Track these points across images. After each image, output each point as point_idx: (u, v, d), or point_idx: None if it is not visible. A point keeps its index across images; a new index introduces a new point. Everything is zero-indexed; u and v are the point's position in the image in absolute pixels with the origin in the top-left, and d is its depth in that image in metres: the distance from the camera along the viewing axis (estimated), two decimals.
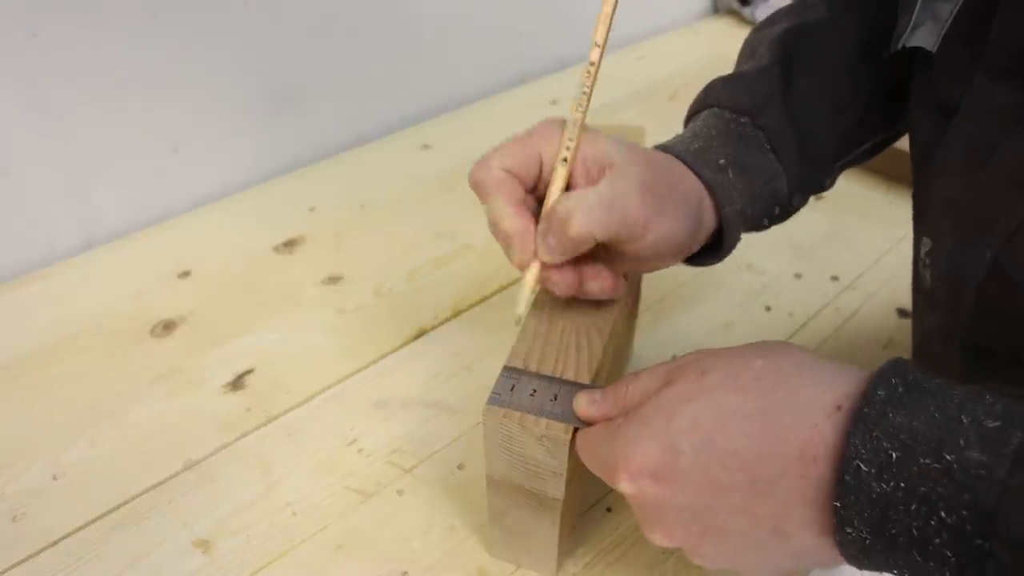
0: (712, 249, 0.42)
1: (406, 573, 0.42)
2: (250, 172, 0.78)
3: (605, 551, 0.43)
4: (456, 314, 0.60)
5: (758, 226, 0.43)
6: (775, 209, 0.43)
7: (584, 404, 0.34)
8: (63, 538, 0.44)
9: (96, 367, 0.56)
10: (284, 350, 0.57)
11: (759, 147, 0.41)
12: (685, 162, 0.39)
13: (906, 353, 0.56)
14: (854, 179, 0.77)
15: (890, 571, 0.26)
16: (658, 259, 0.38)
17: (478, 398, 0.53)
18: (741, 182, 0.40)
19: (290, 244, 0.69)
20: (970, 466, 0.23)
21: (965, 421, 0.24)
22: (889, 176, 0.77)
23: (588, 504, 0.46)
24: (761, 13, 1.14)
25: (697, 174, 0.39)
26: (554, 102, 0.94)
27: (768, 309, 0.60)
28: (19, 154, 0.63)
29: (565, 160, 0.36)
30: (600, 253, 0.38)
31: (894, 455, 0.24)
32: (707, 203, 0.39)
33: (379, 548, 0.44)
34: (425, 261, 0.66)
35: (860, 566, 0.27)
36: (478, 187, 0.38)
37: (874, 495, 0.24)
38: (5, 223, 0.64)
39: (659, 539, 0.31)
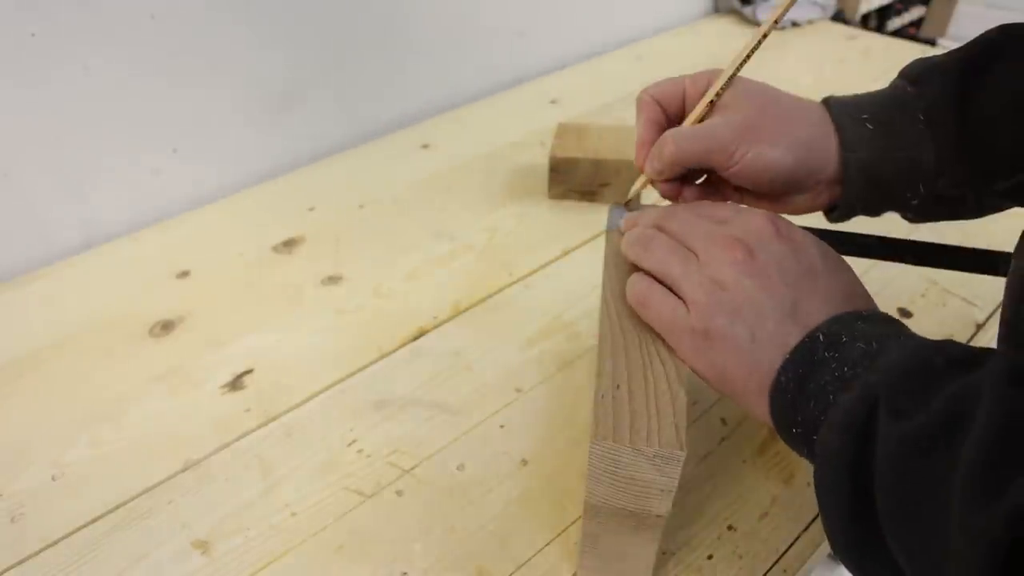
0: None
1: (406, 573, 0.42)
2: (249, 172, 0.78)
3: None
4: (456, 314, 0.60)
5: (902, 201, 0.44)
6: (918, 185, 0.43)
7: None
8: (62, 538, 0.44)
9: (95, 367, 0.56)
10: (284, 350, 0.57)
11: (911, 114, 0.42)
12: (829, 107, 0.44)
13: None
14: None
15: (786, 431, 0.34)
16: (764, 186, 0.43)
17: (478, 398, 0.53)
18: (876, 136, 0.42)
19: (289, 244, 0.69)
20: (881, 348, 0.32)
21: (896, 334, 0.33)
22: None
23: None
24: (762, 13, 1.13)
25: (833, 119, 0.43)
26: (554, 101, 0.94)
27: None
28: (19, 154, 0.63)
29: (710, 103, 0.43)
30: (713, 180, 0.46)
31: (844, 338, 0.33)
32: (832, 144, 0.43)
33: (379, 548, 0.44)
34: (425, 261, 0.66)
35: (775, 423, 0.34)
36: (636, 106, 0.47)
37: (815, 357, 0.33)
38: (5, 223, 0.64)
39: (737, 257, 0.36)
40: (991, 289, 0.62)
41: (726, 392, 0.37)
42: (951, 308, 0.60)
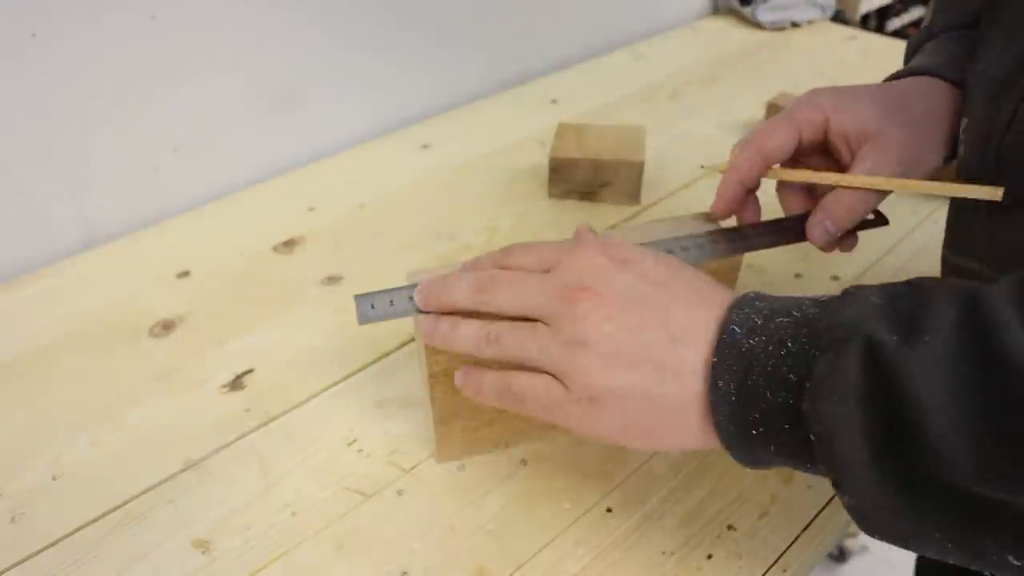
0: None
1: (406, 573, 0.42)
2: (249, 172, 0.78)
3: (605, 552, 0.43)
4: None
5: None
6: None
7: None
8: (63, 538, 0.44)
9: (95, 367, 0.56)
10: (284, 350, 0.57)
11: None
12: (938, 75, 0.45)
13: None
14: None
15: (745, 437, 0.32)
16: None
17: None
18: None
19: (289, 244, 0.69)
20: (808, 313, 0.32)
21: (806, 300, 0.33)
22: None
23: (588, 505, 0.46)
24: (761, 13, 1.13)
25: (948, 79, 0.45)
26: (554, 101, 0.94)
27: None
28: (19, 154, 0.63)
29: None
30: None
31: (759, 320, 0.32)
32: (960, 106, 0.44)
33: (379, 548, 0.44)
34: (425, 261, 0.66)
35: (726, 437, 0.33)
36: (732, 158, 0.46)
37: (743, 349, 0.32)
38: (5, 223, 0.64)
39: (585, 306, 0.34)
40: None
41: (640, 443, 0.35)
42: None
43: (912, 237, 0.69)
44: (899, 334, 0.28)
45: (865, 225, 0.47)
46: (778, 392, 0.30)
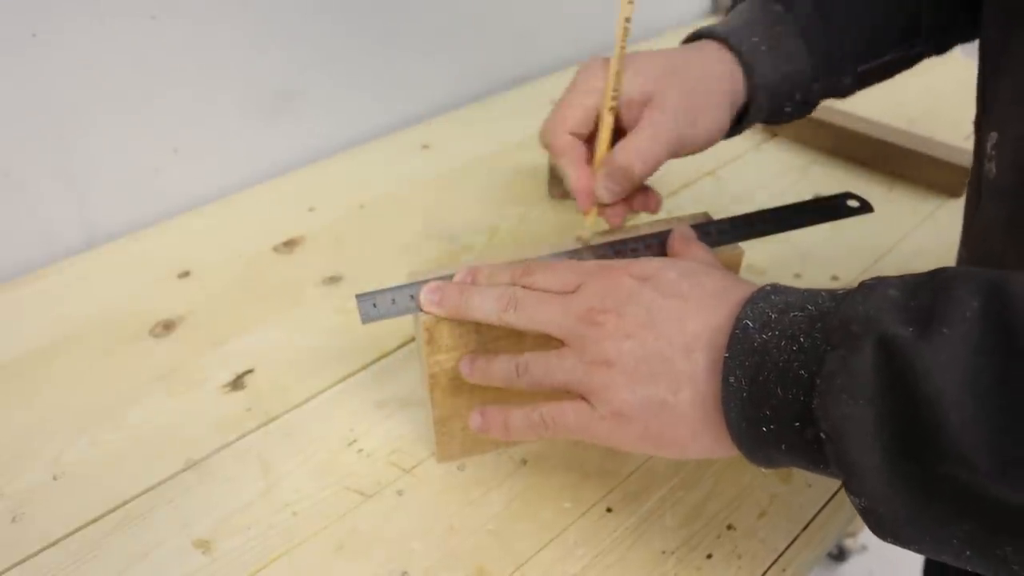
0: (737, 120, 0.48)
1: (406, 573, 0.42)
2: (250, 172, 0.78)
3: (605, 551, 0.43)
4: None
5: (779, 112, 0.48)
6: (796, 94, 0.47)
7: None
8: (63, 538, 0.44)
9: (96, 367, 0.56)
10: (284, 350, 0.57)
11: (789, 31, 0.46)
12: (724, 40, 0.46)
13: None
14: (854, 178, 0.77)
15: (755, 435, 0.32)
16: (710, 145, 0.46)
17: None
18: (771, 58, 0.45)
19: (290, 244, 0.69)
20: (823, 307, 0.31)
21: (823, 293, 0.32)
22: (890, 175, 0.77)
23: (588, 504, 0.46)
24: None
25: (733, 48, 0.45)
26: (554, 102, 0.93)
27: None
28: (19, 154, 0.63)
29: (611, 109, 0.44)
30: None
31: (773, 315, 0.32)
32: (739, 79, 0.45)
33: (379, 548, 0.44)
34: (425, 261, 0.66)
35: (736, 435, 0.32)
36: (550, 150, 0.46)
37: (755, 344, 0.31)
38: (5, 223, 0.64)
39: (607, 328, 0.35)
40: None
41: (667, 452, 0.36)
42: None
43: (912, 237, 0.69)
44: (916, 326, 0.26)
45: (850, 212, 0.48)
46: (789, 389, 0.30)
